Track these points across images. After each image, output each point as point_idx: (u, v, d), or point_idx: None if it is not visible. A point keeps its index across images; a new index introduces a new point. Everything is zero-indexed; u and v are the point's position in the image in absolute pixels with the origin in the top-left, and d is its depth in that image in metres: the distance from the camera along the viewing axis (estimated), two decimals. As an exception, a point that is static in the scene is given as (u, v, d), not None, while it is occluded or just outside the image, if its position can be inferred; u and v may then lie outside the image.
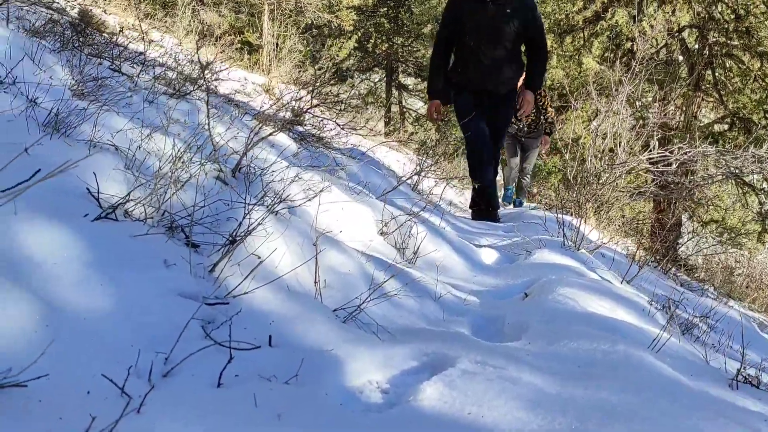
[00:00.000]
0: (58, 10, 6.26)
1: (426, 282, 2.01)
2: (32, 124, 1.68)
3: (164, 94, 3.02)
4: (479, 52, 4.11)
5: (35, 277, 0.99)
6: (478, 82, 4.21)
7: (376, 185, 3.61)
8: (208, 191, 1.71)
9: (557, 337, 1.44)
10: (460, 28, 4.14)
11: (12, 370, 0.73)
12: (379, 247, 2.42)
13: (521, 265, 2.68)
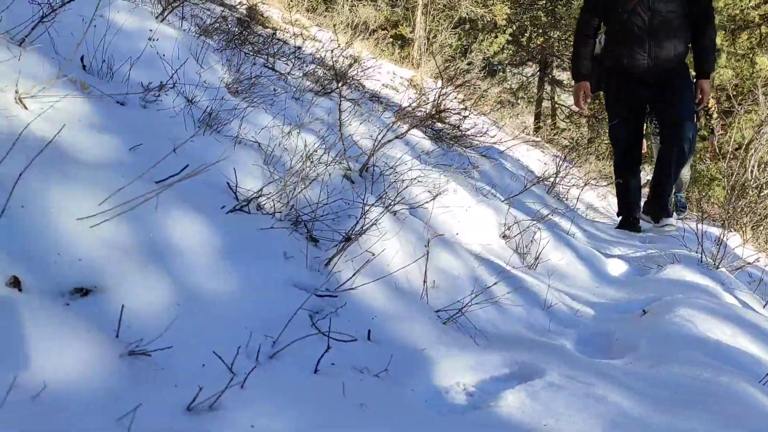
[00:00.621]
0: (229, 7, 6.82)
1: (539, 289, 2.02)
2: (189, 121, 1.91)
3: (310, 91, 3.23)
4: (636, 21, 3.55)
5: (175, 263, 1.16)
6: (636, 58, 3.62)
7: (507, 186, 3.61)
8: (334, 189, 1.85)
9: (662, 359, 1.41)
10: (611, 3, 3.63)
11: (143, 341, 0.89)
12: (499, 250, 2.45)
13: (649, 280, 2.59)
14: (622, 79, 3.77)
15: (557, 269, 2.57)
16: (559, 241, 2.79)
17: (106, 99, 1.75)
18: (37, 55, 1.74)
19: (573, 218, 3.88)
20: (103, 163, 1.38)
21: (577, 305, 2.06)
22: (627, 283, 2.59)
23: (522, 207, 3.27)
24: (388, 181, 2.23)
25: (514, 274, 2.05)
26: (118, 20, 2.50)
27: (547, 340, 1.59)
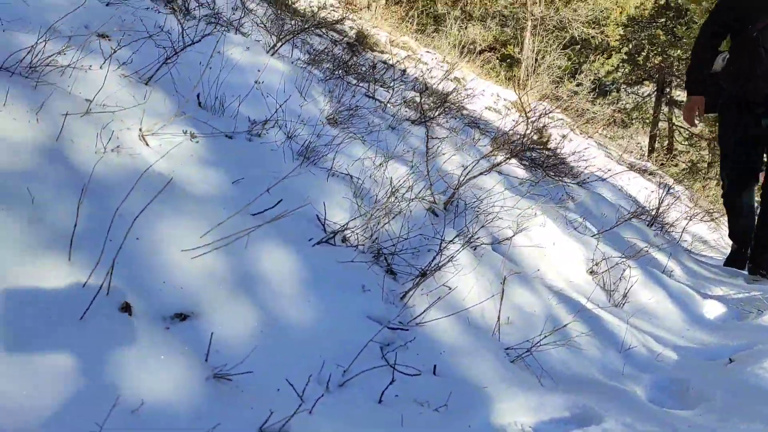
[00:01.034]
0: (340, 32, 7.13)
1: (619, 329, 2.01)
2: (288, 154, 2.07)
3: (407, 120, 3.36)
4: (766, 43, 3.16)
5: (263, 292, 1.30)
6: (759, 86, 3.25)
7: (603, 219, 3.56)
8: (416, 223, 1.95)
9: (733, 413, 1.39)
10: (741, 15, 3.27)
11: (227, 365, 1.02)
12: (585, 287, 2.45)
13: (745, 326, 2.49)
14: (742, 106, 3.40)
15: (646, 308, 2.53)
16: (651, 279, 2.74)
17: (216, 134, 1.95)
18: (160, 93, 1.97)
19: (673, 253, 3.75)
20: (209, 196, 1.55)
21: (659, 348, 2.03)
22: (721, 328, 2.50)
23: (617, 241, 3.22)
24: (472, 214, 2.30)
25: (595, 313, 2.06)
26: (234, 56, 2.74)
27: (617, 384, 1.60)
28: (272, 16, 4.94)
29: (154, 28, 2.42)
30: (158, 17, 2.60)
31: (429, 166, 2.26)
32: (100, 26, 2.23)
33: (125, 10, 2.51)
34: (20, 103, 1.40)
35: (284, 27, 4.47)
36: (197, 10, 4.34)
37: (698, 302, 2.73)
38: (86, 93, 1.68)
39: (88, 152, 1.38)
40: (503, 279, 1.76)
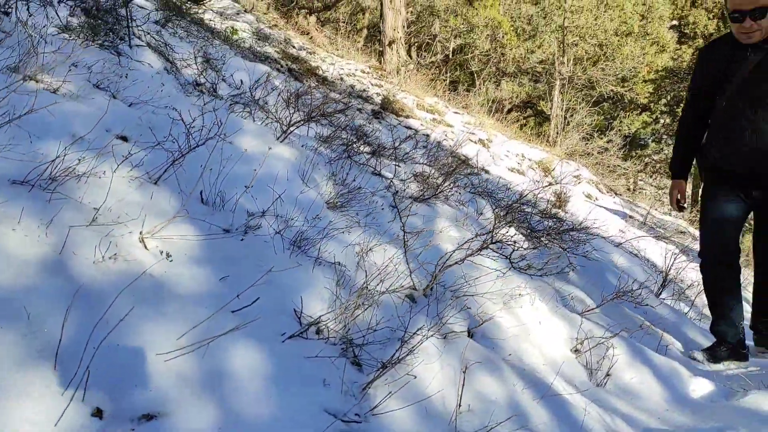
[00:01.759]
0: (367, 98, 7.45)
1: (587, 415, 2.11)
2: (280, 245, 2.28)
3: (410, 198, 3.55)
4: (740, 119, 2.93)
5: (228, 390, 1.48)
6: (739, 161, 3.01)
7: (603, 290, 3.64)
8: (393, 311, 2.11)
9: None
10: (713, 86, 3.04)
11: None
12: (566, 367, 2.55)
13: (728, 406, 2.54)
14: (718, 178, 3.18)
15: (628, 388, 2.61)
16: (638, 356, 2.82)
17: (214, 230, 2.18)
18: (166, 192, 2.22)
19: (677, 324, 3.80)
20: (194, 295, 1.76)
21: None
22: (703, 408, 2.56)
23: (613, 314, 3.30)
24: (453, 299, 2.45)
25: (565, 397, 2.17)
26: (243, 144, 3.00)
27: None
28: (295, 92, 5.27)
29: (171, 124, 2.70)
30: (176, 114, 2.88)
31: (407, 255, 2.42)
32: (121, 129, 2.51)
33: (146, 109, 2.80)
34: (33, 218, 1.65)
35: (301, 103, 4.77)
36: (221, 86, 4.69)
37: (685, 380, 2.79)
38: (97, 199, 1.93)
39: (87, 263, 1.61)
40: (464, 367, 1.90)
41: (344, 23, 14.34)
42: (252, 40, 7.05)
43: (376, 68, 9.16)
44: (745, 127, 2.91)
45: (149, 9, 5.57)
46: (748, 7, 2.71)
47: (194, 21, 6.23)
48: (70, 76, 2.65)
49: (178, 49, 4.62)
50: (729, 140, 3.01)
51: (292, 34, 9.57)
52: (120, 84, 2.98)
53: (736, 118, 2.94)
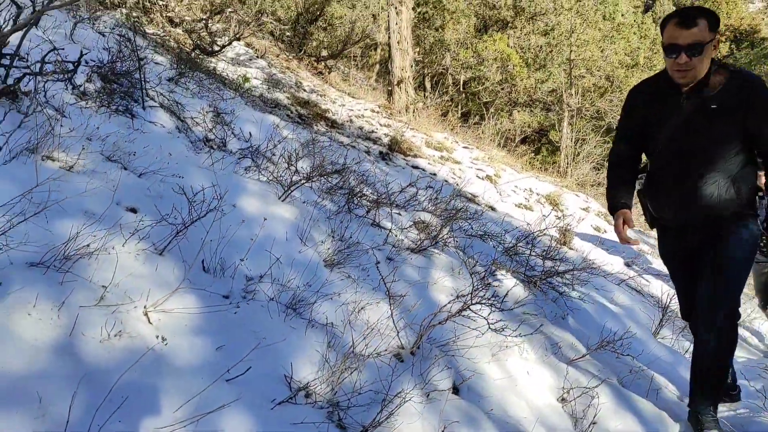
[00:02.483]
0: (375, 140, 7.66)
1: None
2: (275, 310, 2.45)
3: (407, 249, 3.72)
4: (671, 171, 2.77)
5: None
6: (677, 211, 2.84)
7: (599, 333, 3.74)
8: (379, 372, 2.27)
9: None
10: (643, 130, 2.85)
11: None
12: (551, 418, 2.67)
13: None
14: (662, 227, 3.04)
15: (613, 437, 2.72)
16: (625, 403, 2.92)
17: (213, 295, 2.36)
18: (171, 261, 2.41)
19: (675, 363, 3.88)
20: (191, 366, 1.93)
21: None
22: (686, 456, 2.66)
23: (606, 357, 3.41)
24: (441, 353, 2.60)
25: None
26: (246, 205, 3.20)
27: None
28: (296, 151, 5.49)
29: (177, 194, 2.91)
30: (184, 182, 3.09)
31: (398, 311, 2.58)
32: (130, 201, 2.72)
33: (155, 179, 3.01)
34: (47, 301, 1.85)
35: (307, 152, 4.98)
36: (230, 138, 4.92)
37: (670, 427, 2.89)
38: (107, 275, 2.12)
39: (94, 342, 1.80)
40: (443, 426, 2.05)
41: (356, 59, 14.67)
42: (263, 87, 7.33)
43: (386, 107, 9.40)
44: (677, 180, 2.75)
45: (163, 64, 5.88)
46: (684, 42, 2.52)
47: (207, 72, 6.52)
48: (84, 151, 2.87)
49: (189, 107, 4.87)
50: (660, 192, 2.86)
51: (303, 75, 9.87)
52: (131, 153, 3.20)
53: (667, 170, 2.79)
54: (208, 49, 6.48)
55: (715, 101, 2.60)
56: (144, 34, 6.68)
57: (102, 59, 4.61)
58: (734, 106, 2.58)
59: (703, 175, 2.68)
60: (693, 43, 2.52)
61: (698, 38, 2.53)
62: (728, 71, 2.64)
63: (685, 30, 2.53)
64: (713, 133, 2.64)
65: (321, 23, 9.23)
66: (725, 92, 2.59)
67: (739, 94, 2.58)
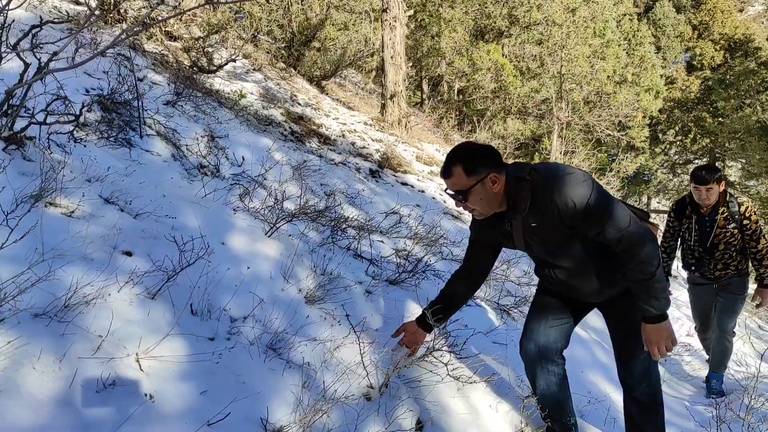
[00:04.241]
0: (366, 156, 7.88)
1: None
2: (257, 350, 2.69)
3: (386, 280, 3.96)
4: (545, 269, 2.86)
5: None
6: (562, 294, 2.92)
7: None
8: (349, 411, 2.51)
9: None
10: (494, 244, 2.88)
11: None
12: (509, 449, 2.92)
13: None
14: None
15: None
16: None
17: (200, 338, 2.60)
18: (162, 305, 2.65)
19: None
20: (177, 412, 2.17)
21: None
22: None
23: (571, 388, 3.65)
24: (409, 391, 2.84)
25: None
26: (233, 244, 3.44)
27: None
28: (296, 164, 5.72)
29: (169, 236, 3.14)
30: (176, 222, 3.32)
31: (363, 355, 2.82)
32: (126, 244, 2.96)
33: (150, 220, 3.24)
34: (49, 354, 2.08)
35: (299, 175, 5.21)
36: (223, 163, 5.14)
37: (621, 459, 3.14)
38: (104, 323, 2.35)
39: (91, 393, 2.04)
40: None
41: (354, 64, 14.86)
42: (258, 103, 7.54)
43: (379, 120, 9.61)
44: (555, 277, 2.79)
45: (161, 84, 6.10)
46: (450, 190, 2.55)
47: (204, 91, 6.74)
48: (85, 194, 3.10)
49: (185, 132, 5.10)
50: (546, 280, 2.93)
51: (299, 85, 10.08)
52: (128, 191, 3.43)
53: (542, 268, 2.87)
54: (205, 68, 6.69)
55: (532, 219, 2.52)
56: (143, 51, 6.90)
57: (102, 87, 4.84)
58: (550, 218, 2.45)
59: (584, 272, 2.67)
60: (456, 191, 2.52)
61: (456, 186, 2.50)
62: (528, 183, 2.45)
63: (446, 179, 2.54)
64: (552, 245, 2.59)
65: (316, 44, 9.43)
66: (534, 208, 2.47)
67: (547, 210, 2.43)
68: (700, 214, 4.62)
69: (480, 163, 2.48)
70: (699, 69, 24.78)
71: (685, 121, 20.89)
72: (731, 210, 4.54)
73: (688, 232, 4.73)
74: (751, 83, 17.09)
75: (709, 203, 4.50)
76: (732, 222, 4.53)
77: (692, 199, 4.64)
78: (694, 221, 4.64)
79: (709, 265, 4.70)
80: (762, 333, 8.88)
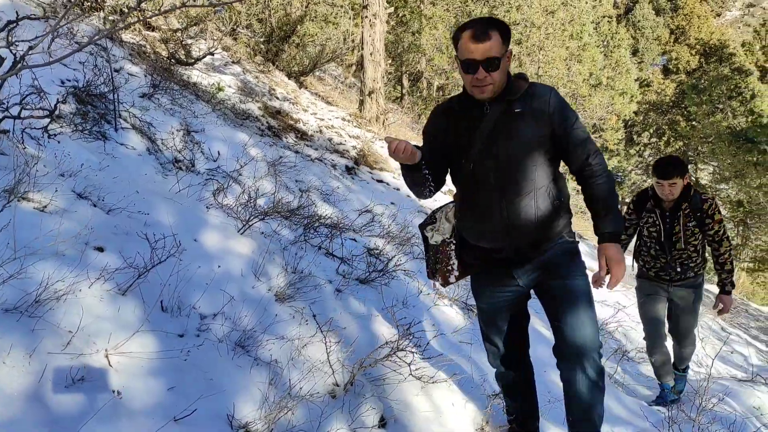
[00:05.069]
0: (343, 152, 7.93)
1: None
2: (225, 347, 2.76)
3: (356, 279, 4.04)
4: (488, 188, 2.50)
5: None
6: (494, 237, 2.56)
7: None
8: (313, 410, 2.59)
9: None
10: (445, 149, 2.58)
11: None
12: None
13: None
14: (480, 258, 2.70)
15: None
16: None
17: (170, 335, 2.66)
18: (132, 302, 2.70)
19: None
20: (145, 408, 2.23)
21: None
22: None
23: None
24: (374, 389, 2.93)
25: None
26: (206, 241, 3.49)
27: None
28: (271, 160, 5.76)
29: (143, 228, 3.19)
30: (149, 218, 3.36)
31: (329, 354, 2.90)
32: (99, 240, 2.99)
33: (122, 216, 3.28)
34: (20, 349, 2.13)
35: (275, 171, 5.26)
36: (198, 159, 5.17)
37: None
38: (74, 319, 2.40)
39: (61, 388, 2.09)
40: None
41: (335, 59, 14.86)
42: (236, 97, 7.55)
43: (357, 116, 9.67)
44: (495, 198, 2.49)
45: (138, 75, 6.09)
46: (480, 58, 2.31)
47: (181, 83, 6.74)
48: (58, 189, 3.12)
49: (161, 126, 5.11)
50: (479, 215, 2.57)
51: (278, 79, 10.09)
52: (101, 186, 3.45)
53: (483, 187, 2.51)
54: (183, 60, 6.69)
55: (519, 104, 2.43)
56: (120, 42, 6.87)
57: (77, 78, 4.83)
58: (540, 120, 2.43)
59: (527, 189, 2.47)
60: (488, 58, 2.32)
61: (492, 53, 2.32)
62: (526, 81, 2.52)
63: (479, 43, 2.32)
64: (525, 138, 2.44)
65: (294, 39, 9.44)
66: (527, 97, 2.44)
67: (541, 99, 2.44)
68: (662, 209, 4.27)
69: (510, 35, 2.47)
70: (675, 73, 25.23)
71: (659, 123, 21.27)
72: (693, 207, 4.20)
73: (647, 227, 4.39)
74: (723, 89, 17.44)
75: (672, 198, 4.18)
76: (693, 220, 4.21)
77: (655, 192, 4.30)
78: (658, 215, 4.28)
79: (666, 265, 4.39)
80: (723, 335, 9.15)
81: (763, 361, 8.43)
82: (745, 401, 4.58)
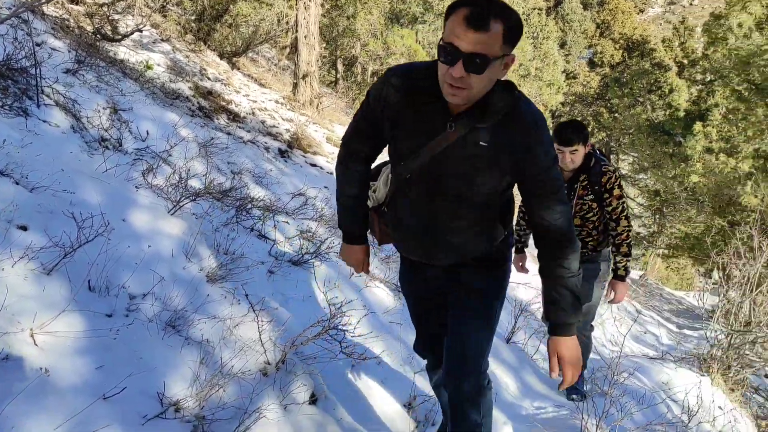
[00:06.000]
0: (276, 135, 7.88)
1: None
2: (155, 327, 2.75)
3: (289, 261, 4.07)
4: (418, 201, 2.12)
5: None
6: (408, 248, 2.33)
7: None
8: (244, 387, 2.63)
9: None
10: (389, 138, 2.13)
11: None
12: (397, 421, 3.14)
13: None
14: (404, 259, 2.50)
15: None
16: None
17: (97, 314, 2.63)
18: (58, 282, 2.65)
19: (513, 370, 4.47)
20: (73, 386, 2.21)
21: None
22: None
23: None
24: (305, 366, 2.99)
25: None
26: (135, 221, 3.44)
27: None
28: (203, 141, 5.68)
29: (69, 206, 3.12)
30: (75, 197, 3.28)
31: (261, 333, 2.94)
32: (22, 218, 2.91)
33: (47, 194, 3.19)
34: (-61, 329, 2.07)
35: (207, 152, 5.20)
36: (127, 139, 5.05)
37: (502, 427, 3.43)
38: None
39: (-17, 367, 2.05)
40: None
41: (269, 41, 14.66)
42: (166, 76, 7.38)
43: (290, 99, 9.60)
44: (422, 219, 2.15)
45: (62, 50, 5.86)
46: (466, 49, 1.71)
47: (108, 59, 6.52)
48: (-24, 166, 3.01)
49: (86, 103, 4.95)
50: (399, 223, 2.25)
51: (209, 59, 9.89)
52: (23, 163, 3.34)
53: (414, 204, 2.13)
54: (109, 36, 6.47)
55: (490, 133, 1.90)
56: (42, 15, 6.57)
57: (-4, 51, 4.62)
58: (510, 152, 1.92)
59: (465, 222, 2.11)
60: (474, 53, 1.72)
61: (480, 50, 1.72)
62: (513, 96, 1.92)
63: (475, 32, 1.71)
64: (483, 172, 1.96)
65: (227, 19, 9.26)
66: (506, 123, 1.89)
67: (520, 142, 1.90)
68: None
69: (520, 34, 1.86)
70: (600, 66, 26.23)
71: (585, 114, 22.02)
72: (592, 179, 3.81)
73: None
74: (644, 83, 18.30)
75: (573, 167, 3.74)
76: (591, 193, 3.83)
77: None
78: None
79: None
80: (638, 317, 9.68)
81: (673, 341, 8.99)
82: (654, 377, 4.89)
